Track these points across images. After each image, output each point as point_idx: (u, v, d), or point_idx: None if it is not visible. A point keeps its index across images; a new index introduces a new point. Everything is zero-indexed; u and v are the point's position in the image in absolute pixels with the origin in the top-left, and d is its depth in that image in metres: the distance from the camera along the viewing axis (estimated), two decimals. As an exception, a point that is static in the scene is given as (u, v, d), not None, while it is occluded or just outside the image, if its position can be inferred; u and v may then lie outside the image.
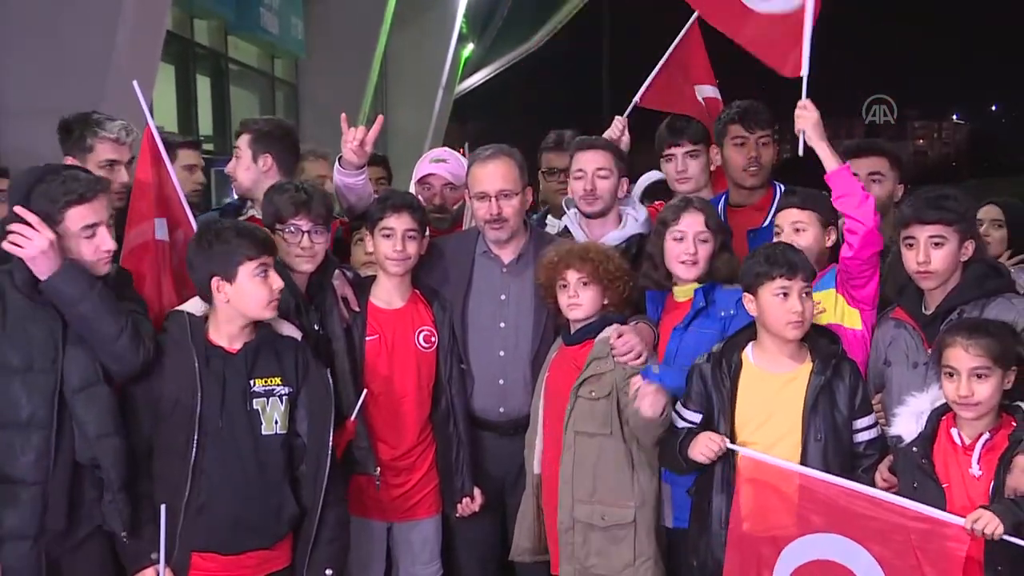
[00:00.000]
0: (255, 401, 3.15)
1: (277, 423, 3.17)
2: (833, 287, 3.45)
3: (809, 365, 3.17)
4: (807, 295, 3.14)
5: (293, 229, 3.47)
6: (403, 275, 3.71)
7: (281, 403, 3.18)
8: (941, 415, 2.98)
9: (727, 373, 3.20)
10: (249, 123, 4.00)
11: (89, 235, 3.00)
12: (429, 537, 3.79)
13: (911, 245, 3.21)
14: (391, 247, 3.63)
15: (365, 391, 3.55)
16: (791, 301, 3.12)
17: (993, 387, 2.86)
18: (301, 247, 3.48)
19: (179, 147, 4.87)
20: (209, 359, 3.12)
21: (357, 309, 3.67)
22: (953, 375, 2.89)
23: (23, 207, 2.92)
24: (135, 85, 3.68)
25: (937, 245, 3.17)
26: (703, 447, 3.14)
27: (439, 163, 4.30)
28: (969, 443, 2.90)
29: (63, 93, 6.22)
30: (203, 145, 8.76)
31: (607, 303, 3.52)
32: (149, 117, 3.65)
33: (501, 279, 3.82)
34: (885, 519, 2.85)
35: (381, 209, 3.66)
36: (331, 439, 3.22)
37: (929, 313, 3.23)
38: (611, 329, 3.46)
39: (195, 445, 3.06)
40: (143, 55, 7.42)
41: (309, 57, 15.75)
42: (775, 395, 3.18)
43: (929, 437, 2.96)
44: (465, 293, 3.80)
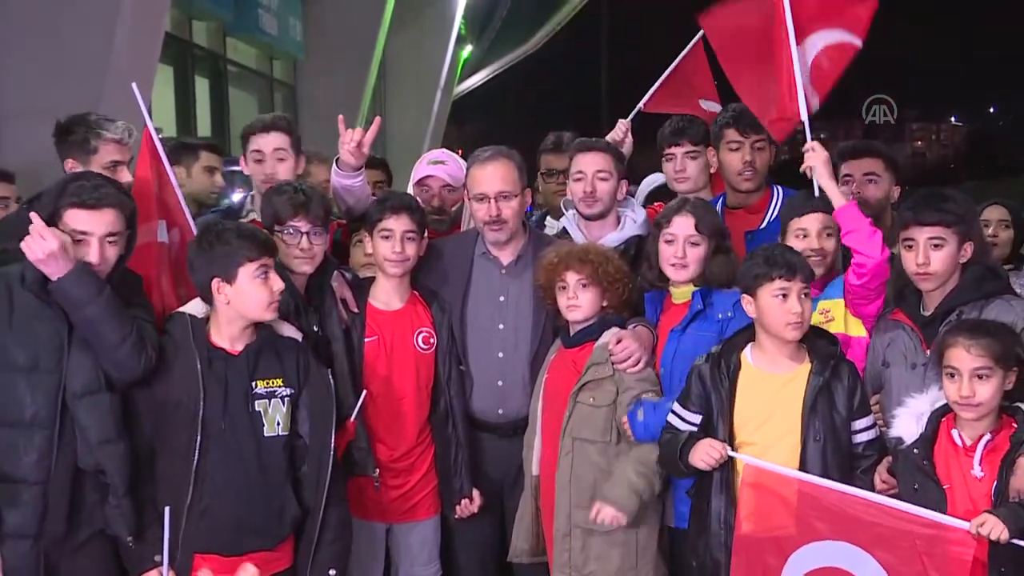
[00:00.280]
0: (257, 403, 3.14)
1: (279, 424, 3.17)
2: (842, 296, 3.45)
3: (808, 366, 3.17)
4: (805, 296, 3.14)
5: (292, 231, 3.47)
6: (402, 276, 3.71)
7: (283, 404, 3.17)
8: (941, 416, 2.97)
9: (726, 374, 3.20)
10: (291, 125, 3.95)
11: (77, 240, 2.98)
12: (428, 538, 3.79)
13: (910, 246, 3.21)
14: (390, 248, 3.63)
15: (364, 392, 3.54)
16: (790, 302, 3.11)
17: (994, 388, 2.86)
18: (300, 248, 3.47)
19: (201, 149, 4.88)
20: (211, 361, 3.12)
21: (356, 310, 3.67)
22: (955, 375, 2.89)
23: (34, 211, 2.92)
24: (134, 87, 3.68)
25: (936, 247, 3.17)
26: (704, 454, 3.13)
27: (437, 165, 4.29)
28: (970, 444, 2.90)
29: (62, 94, 6.23)
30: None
31: (606, 305, 3.51)
32: (148, 118, 3.65)
33: (500, 280, 3.81)
34: (890, 525, 2.84)
35: (380, 211, 3.66)
36: (333, 440, 3.22)
37: (928, 314, 3.23)
38: (610, 334, 3.45)
39: (198, 447, 3.05)
40: (142, 56, 7.43)
41: (307, 59, 15.76)
42: (774, 396, 3.18)
43: (930, 438, 2.96)
44: (464, 294, 3.80)
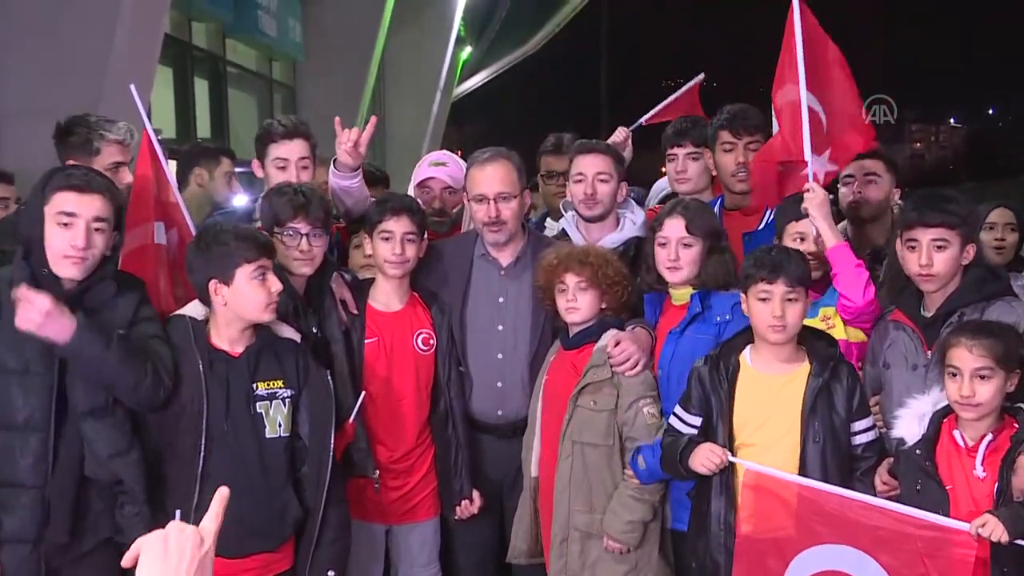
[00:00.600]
0: (258, 404, 3.14)
1: (281, 426, 3.16)
2: None
3: (807, 367, 3.16)
4: (791, 300, 3.11)
5: (292, 232, 3.46)
6: (402, 278, 3.71)
7: (284, 406, 3.17)
8: (943, 417, 2.97)
9: (724, 375, 3.20)
10: (309, 129, 3.92)
11: (63, 223, 2.91)
12: (428, 539, 3.79)
13: (913, 247, 3.20)
14: (390, 250, 3.63)
15: (363, 393, 3.55)
16: (771, 305, 3.11)
17: (995, 388, 2.86)
18: (300, 250, 3.47)
19: (222, 154, 4.96)
20: (212, 363, 3.11)
21: (356, 312, 3.67)
22: (956, 375, 2.89)
23: (23, 286, 2.78)
24: (132, 89, 3.67)
25: (940, 248, 3.16)
26: (704, 459, 3.13)
27: (439, 167, 4.29)
28: (972, 445, 2.89)
29: (61, 94, 6.23)
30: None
31: (605, 307, 3.51)
32: (146, 120, 3.64)
33: (499, 282, 3.82)
34: (891, 528, 2.83)
35: (380, 212, 3.66)
36: (332, 441, 3.22)
37: (929, 316, 3.22)
38: (609, 336, 3.45)
39: (202, 450, 3.04)
40: (141, 57, 7.44)
41: (307, 60, 15.75)
42: (773, 397, 3.17)
43: (932, 439, 2.95)
44: (463, 296, 3.80)
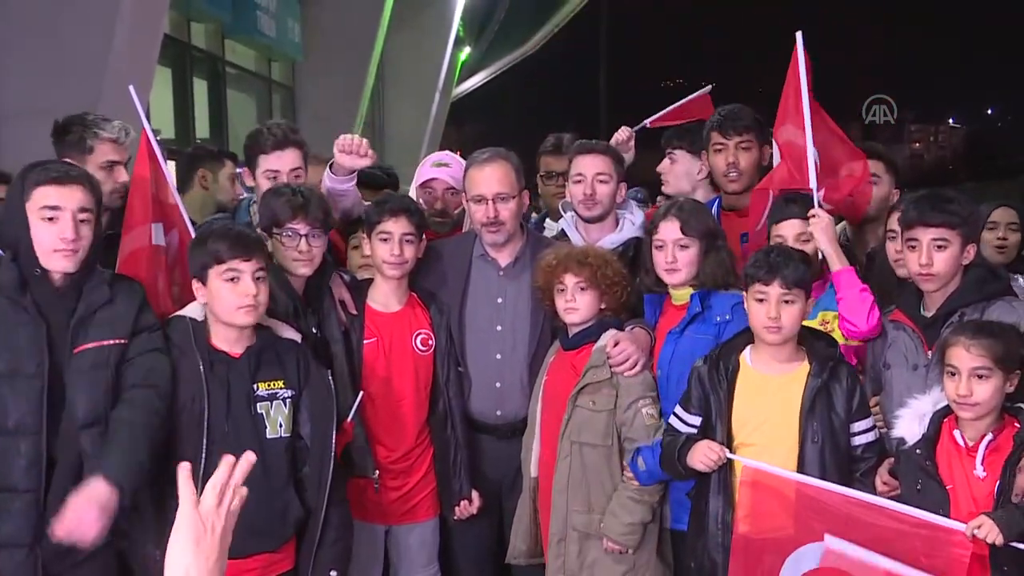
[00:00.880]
0: (259, 405, 3.13)
1: (282, 426, 3.16)
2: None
3: (806, 367, 3.17)
4: (787, 302, 3.12)
5: (291, 233, 3.45)
6: (400, 279, 3.70)
7: (285, 406, 3.17)
8: (944, 417, 2.97)
9: (724, 375, 3.20)
10: (301, 135, 3.88)
11: (48, 217, 2.89)
12: (427, 540, 3.79)
13: (913, 247, 3.21)
14: (388, 251, 3.62)
15: (361, 393, 3.54)
16: (766, 306, 3.11)
17: (993, 388, 2.85)
18: (299, 251, 3.46)
19: (227, 157, 4.97)
20: (213, 364, 3.10)
21: (355, 312, 3.67)
22: (954, 375, 2.89)
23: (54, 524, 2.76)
24: (131, 89, 3.67)
25: (940, 248, 3.16)
26: (702, 456, 3.13)
27: (441, 167, 4.27)
28: (972, 444, 2.89)
29: (60, 95, 6.23)
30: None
31: (604, 308, 3.51)
32: (145, 120, 3.64)
33: (498, 282, 3.81)
34: (888, 526, 2.82)
35: (379, 213, 3.65)
36: (334, 441, 3.21)
37: (929, 316, 3.22)
38: (608, 336, 3.45)
39: (204, 451, 3.03)
40: (140, 57, 7.44)
41: (306, 60, 15.77)
42: (772, 397, 3.18)
43: (932, 439, 2.95)
44: (462, 296, 3.80)
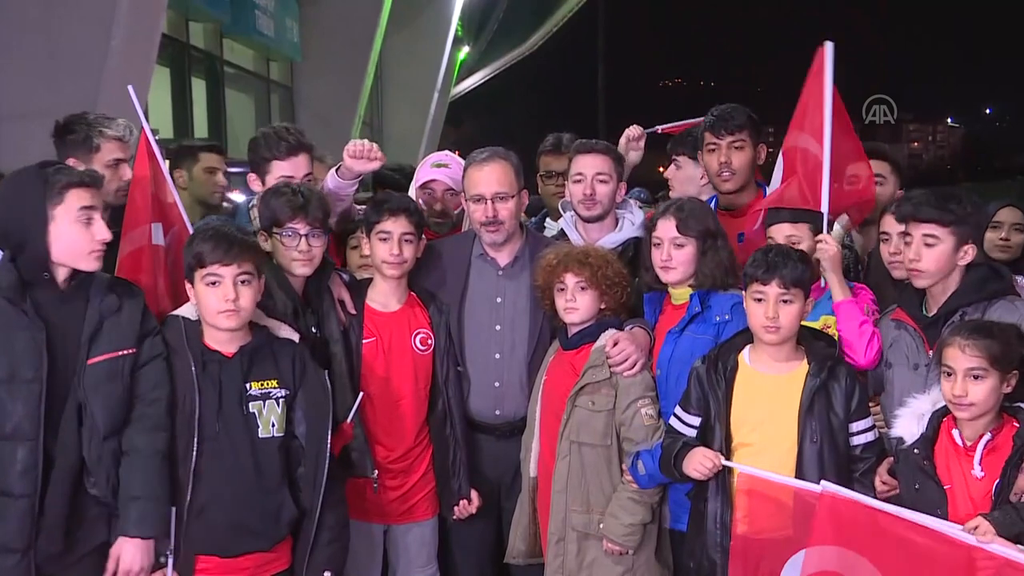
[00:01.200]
0: (251, 404, 3.13)
1: (274, 426, 3.16)
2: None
3: (805, 367, 3.17)
4: (786, 302, 3.12)
5: (290, 233, 3.45)
6: (400, 278, 3.70)
7: (278, 405, 3.16)
8: (942, 416, 2.97)
9: (722, 375, 3.20)
10: (309, 140, 3.91)
11: (86, 220, 2.92)
12: (426, 539, 3.78)
13: (909, 243, 3.22)
14: (388, 251, 3.62)
15: (361, 394, 3.54)
16: (765, 306, 3.11)
17: (988, 389, 2.85)
18: (298, 251, 3.46)
19: (201, 150, 4.88)
20: (206, 363, 3.11)
21: (354, 312, 3.67)
22: (950, 375, 2.89)
23: None
24: (130, 90, 3.67)
25: (929, 244, 3.17)
26: (698, 464, 3.13)
27: (441, 168, 4.26)
28: (970, 444, 2.89)
29: (58, 96, 6.24)
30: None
31: (604, 308, 3.51)
32: (144, 121, 3.64)
33: (497, 282, 3.81)
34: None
35: (378, 212, 3.65)
36: (329, 440, 3.21)
37: (930, 315, 3.22)
38: (607, 336, 3.44)
39: (195, 449, 3.05)
40: (138, 57, 7.44)
41: (304, 60, 15.78)
42: (771, 397, 3.17)
43: (930, 438, 2.95)
44: (461, 296, 3.79)
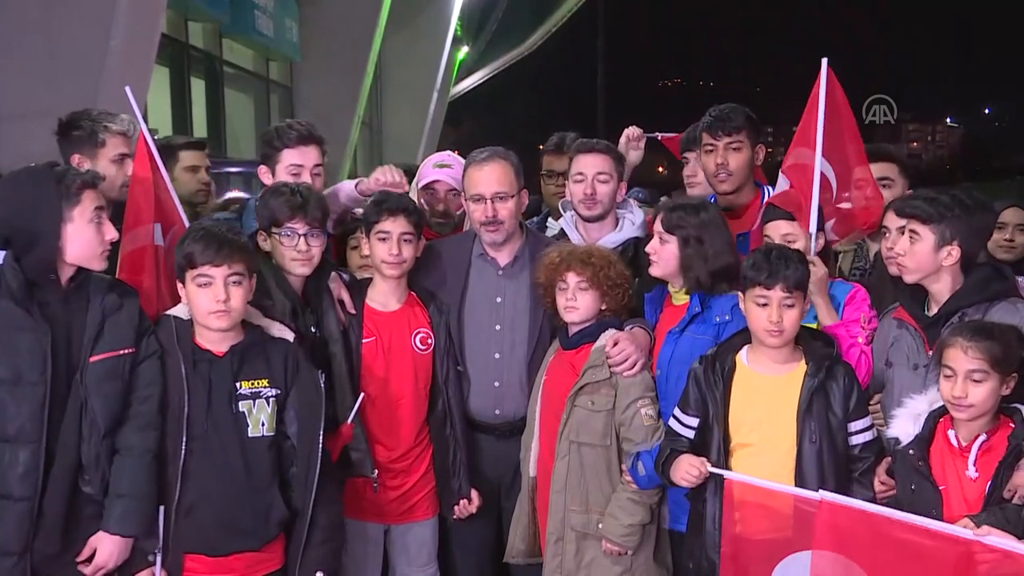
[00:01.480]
0: (241, 403, 3.12)
1: (264, 425, 3.14)
2: None
3: (803, 367, 3.16)
4: (789, 306, 3.10)
5: (289, 232, 3.46)
6: (399, 278, 3.70)
7: (268, 405, 3.15)
8: (939, 417, 2.97)
9: (720, 376, 3.19)
10: (322, 137, 3.95)
11: (98, 220, 2.96)
12: (426, 539, 3.78)
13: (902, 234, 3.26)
14: (387, 250, 3.62)
15: (362, 395, 3.54)
16: (769, 310, 3.11)
17: (988, 391, 2.85)
18: (297, 250, 3.47)
19: (180, 149, 4.85)
20: (196, 363, 3.10)
21: (354, 311, 3.67)
22: (951, 375, 2.88)
23: None
24: (127, 91, 3.67)
25: (912, 241, 3.20)
26: (684, 472, 3.13)
27: (443, 168, 4.25)
28: (966, 445, 2.89)
29: (57, 96, 6.24)
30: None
31: (604, 308, 3.50)
32: (142, 121, 3.64)
33: (497, 281, 3.81)
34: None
35: (377, 212, 3.65)
36: (321, 440, 3.19)
37: (932, 315, 3.22)
38: (607, 336, 3.44)
39: (183, 448, 3.05)
40: (138, 57, 7.43)
41: (304, 60, 15.78)
42: (769, 397, 3.17)
43: (926, 439, 2.95)
44: (461, 295, 3.79)
